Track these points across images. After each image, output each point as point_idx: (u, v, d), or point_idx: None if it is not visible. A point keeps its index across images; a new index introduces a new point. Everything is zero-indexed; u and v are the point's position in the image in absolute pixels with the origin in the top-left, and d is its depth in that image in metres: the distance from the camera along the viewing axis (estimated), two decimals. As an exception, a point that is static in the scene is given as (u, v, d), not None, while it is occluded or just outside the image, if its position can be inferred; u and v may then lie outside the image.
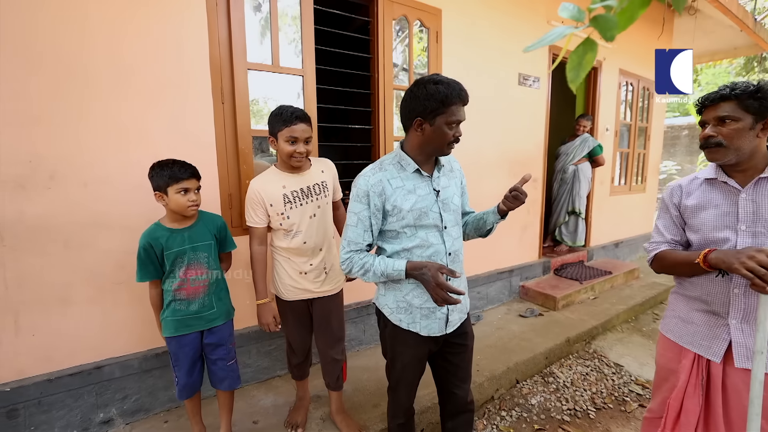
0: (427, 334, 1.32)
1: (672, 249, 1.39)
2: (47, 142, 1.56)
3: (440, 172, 1.34)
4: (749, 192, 1.23)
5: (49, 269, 1.61)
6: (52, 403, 1.66)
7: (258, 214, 1.58)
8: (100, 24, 1.62)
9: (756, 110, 1.17)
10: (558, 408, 2.25)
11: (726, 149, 1.20)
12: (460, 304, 1.37)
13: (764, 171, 1.21)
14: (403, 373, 1.39)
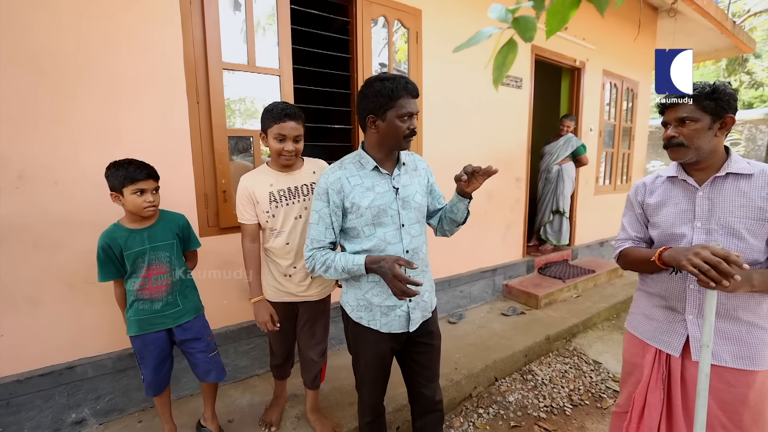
0: (388, 331, 1.34)
1: (635, 246, 1.41)
2: (15, 142, 1.55)
3: (401, 170, 1.36)
4: (706, 190, 1.25)
5: (18, 269, 1.60)
6: (22, 403, 1.65)
7: (247, 211, 1.57)
8: (72, 23, 1.61)
9: (713, 110, 1.20)
10: (535, 405, 2.27)
11: (687, 149, 1.23)
12: (423, 303, 1.39)
13: (720, 170, 1.24)
14: (367, 370, 1.41)
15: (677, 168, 1.34)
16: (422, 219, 1.40)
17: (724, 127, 1.23)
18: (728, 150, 1.29)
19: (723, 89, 1.21)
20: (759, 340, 1.21)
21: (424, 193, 1.42)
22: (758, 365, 1.20)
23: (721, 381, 1.23)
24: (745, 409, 1.21)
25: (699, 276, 1.05)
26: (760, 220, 1.17)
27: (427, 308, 1.42)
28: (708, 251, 1.04)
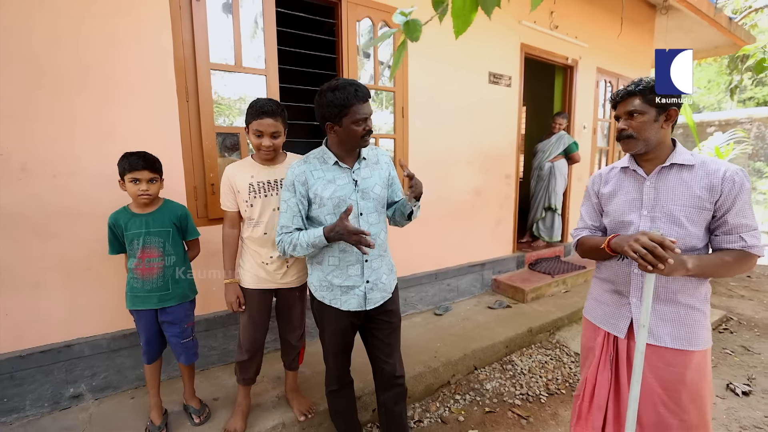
0: (347, 309, 1.46)
1: (591, 235, 1.49)
2: (17, 137, 1.70)
3: (361, 164, 1.47)
4: (652, 180, 1.32)
5: (20, 255, 1.75)
6: (24, 377, 1.80)
7: (228, 198, 1.67)
8: (70, 25, 1.75)
9: (657, 104, 1.27)
10: (511, 393, 2.35)
11: (636, 140, 1.30)
12: (382, 284, 1.50)
13: (666, 161, 1.31)
14: (330, 344, 1.52)
15: (629, 159, 1.41)
16: (381, 209, 1.51)
17: (669, 119, 1.30)
18: (675, 142, 1.35)
19: None
20: (696, 322, 1.27)
21: (384, 185, 1.52)
22: (695, 345, 1.27)
23: (661, 360, 1.30)
24: (683, 387, 1.28)
25: (638, 260, 1.13)
26: (698, 208, 1.24)
27: (386, 289, 1.52)
28: (646, 237, 1.12)
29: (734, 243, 1.20)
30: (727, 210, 1.21)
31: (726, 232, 1.22)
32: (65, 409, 1.89)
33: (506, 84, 3.47)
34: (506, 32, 3.41)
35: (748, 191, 1.23)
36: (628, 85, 1.34)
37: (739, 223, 1.20)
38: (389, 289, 1.55)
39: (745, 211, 1.21)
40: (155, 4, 1.92)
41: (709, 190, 1.23)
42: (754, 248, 1.19)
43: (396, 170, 1.66)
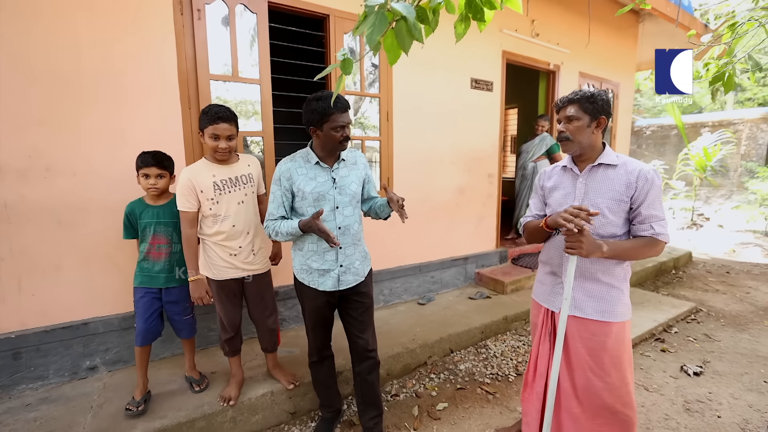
0: (323, 289, 1.70)
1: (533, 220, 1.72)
2: (44, 140, 1.97)
3: (340, 165, 1.71)
4: (584, 176, 1.56)
5: (45, 242, 2.02)
6: (48, 350, 2.07)
7: (189, 200, 1.77)
8: (88, 45, 2.01)
9: (591, 111, 1.50)
10: (482, 373, 2.58)
11: (572, 143, 1.53)
12: (354, 269, 1.74)
13: (595, 161, 1.54)
14: (309, 319, 1.78)
15: (569, 159, 1.64)
16: (356, 203, 1.75)
17: (599, 126, 1.53)
18: (605, 145, 1.58)
19: (599, 95, 1.51)
20: (615, 298, 1.50)
21: (359, 183, 1.77)
22: (614, 318, 1.50)
23: (587, 331, 1.53)
24: (605, 354, 1.51)
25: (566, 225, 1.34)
26: (618, 201, 1.47)
27: (358, 273, 1.76)
28: (572, 208, 1.35)
29: (646, 231, 1.43)
30: (641, 203, 1.44)
31: (640, 222, 1.45)
32: (82, 378, 2.16)
33: (488, 89, 3.70)
34: (488, 40, 3.64)
35: (658, 188, 1.46)
36: (569, 93, 1.56)
37: (650, 214, 1.43)
38: (362, 273, 1.78)
39: (655, 204, 1.44)
40: (161, 24, 2.17)
41: (627, 186, 1.46)
42: (660, 235, 1.42)
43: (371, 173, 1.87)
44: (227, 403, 1.92)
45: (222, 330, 1.98)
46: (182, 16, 2.21)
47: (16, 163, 1.92)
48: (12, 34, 1.87)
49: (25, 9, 1.88)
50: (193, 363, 2.09)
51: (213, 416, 1.87)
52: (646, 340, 3.02)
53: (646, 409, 2.20)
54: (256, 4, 2.41)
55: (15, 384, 2.01)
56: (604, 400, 1.53)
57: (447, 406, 2.25)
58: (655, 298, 3.77)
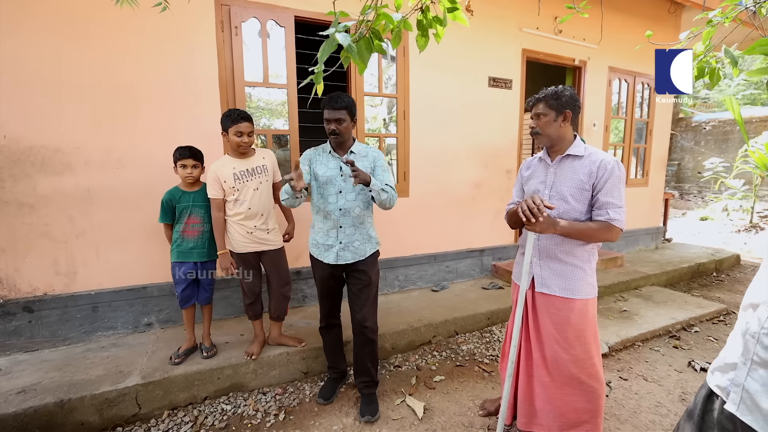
0: (327, 261, 2.00)
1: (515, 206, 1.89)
2: (117, 139, 2.47)
3: (350, 156, 1.98)
4: (554, 166, 1.72)
5: (116, 221, 2.53)
6: (117, 306, 2.58)
7: (215, 189, 2.16)
8: (148, 58, 2.50)
9: (556, 107, 1.66)
10: (482, 353, 2.75)
11: (542, 136, 1.70)
12: (353, 248, 1.99)
13: (565, 152, 1.69)
14: (318, 288, 2.11)
15: (543, 151, 1.80)
16: (359, 190, 1.96)
17: (565, 119, 1.68)
18: (575, 137, 1.73)
19: (562, 92, 1.66)
20: (578, 277, 1.65)
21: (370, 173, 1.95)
22: (576, 295, 1.64)
23: (553, 307, 1.69)
24: (569, 328, 1.66)
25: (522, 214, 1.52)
26: (581, 189, 1.62)
27: (357, 252, 2.00)
28: (530, 199, 1.51)
29: (601, 216, 1.57)
30: (599, 190, 1.58)
31: (598, 207, 1.59)
32: (141, 332, 2.66)
33: (506, 86, 3.81)
34: (506, 40, 3.75)
35: (617, 177, 1.58)
36: (539, 92, 1.72)
37: (607, 201, 1.56)
38: (361, 253, 2.01)
39: (613, 192, 1.57)
40: (205, 40, 2.61)
41: (589, 175, 1.60)
42: (615, 221, 1.55)
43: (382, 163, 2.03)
44: (250, 357, 2.29)
45: (244, 296, 2.36)
46: (223, 33, 2.63)
47: (96, 157, 2.44)
48: (89, 55, 2.38)
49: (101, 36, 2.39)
50: (208, 331, 2.36)
51: (238, 366, 2.26)
52: (659, 337, 2.99)
53: (639, 396, 2.25)
54: (284, 18, 2.78)
55: (94, 331, 2.55)
56: (570, 370, 1.68)
57: (443, 378, 2.46)
58: (682, 298, 3.65)
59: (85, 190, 2.45)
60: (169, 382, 2.10)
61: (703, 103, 13.26)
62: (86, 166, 2.43)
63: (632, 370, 2.53)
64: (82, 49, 2.35)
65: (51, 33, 2.29)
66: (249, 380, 2.29)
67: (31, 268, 2.40)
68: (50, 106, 2.33)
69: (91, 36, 2.37)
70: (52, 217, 2.40)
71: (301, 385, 2.38)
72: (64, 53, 2.32)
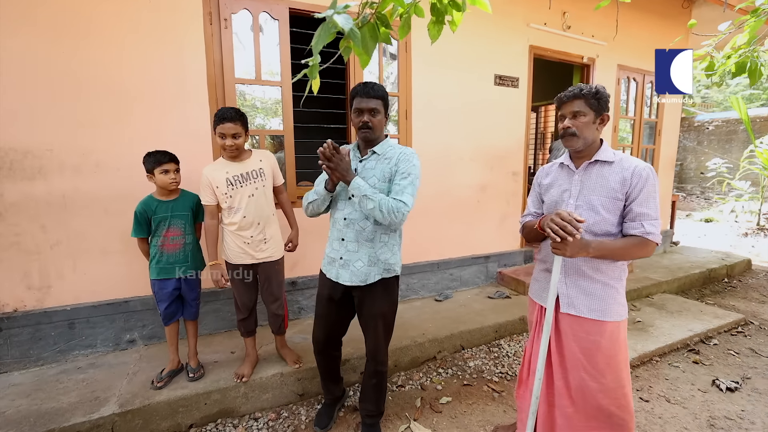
0: (329, 276, 1.76)
1: (533, 219, 1.70)
2: (94, 140, 2.26)
3: (371, 157, 1.70)
4: (580, 173, 1.53)
5: (95, 228, 2.32)
6: (96, 322, 2.38)
7: (207, 195, 1.99)
8: (130, 56, 2.29)
9: (595, 108, 1.47)
10: (491, 371, 2.56)
11: (578, 138, 1.49)
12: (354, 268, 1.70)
13: (593, 157, 1.51)
14: (317, 306, 1.86)
15: (566, 156, 1.62)
16: None
17: (602, 122, 1.49)
18: (602, 141, 1.54)
19: (603, 92, 1.48)
20: (610, 296, 1.46)
21: (382, 179, 1.66)
22: (608, 317, 1.46)
23: (581, 330, 1.50)
24: (599, 354, 1.47)
25: (549, 234, 1.34)
26: (612, 198, 1.43)
27: (357, 275, 1.69)
28: (558, 216, 1.33)
29: (636, 229, 1.38)
30: (633, 200, 1.39)
31: (631, 219, 1.40)
32: (123, 349, 2.45)
33: (513, 85, 3.62)
34: (513, 35, 3.56)
35: (652, 186, 1.40)
36: (573, 88, 1.52)
37: (642, 212, 1.38)
38: (363, 277, 1.69)
39: (648, 203, 1.38)
40: (192, 34, 2.40)
41: (622, 183, 1.42)
42: (650, 235, 1.36)
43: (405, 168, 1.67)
44: (240, 380, 2.09)
45: (236, 310, 2.17)
46: (211, 26, 2.43)
47: (72, 160, 2.23)
48: (64, 50, 2.17)
49: (74, 28, 2.18)
50: (195, 351, 2.16)
51: (227, 390, 2.06)
52: (677, 350, 2.81)
53: (663, 421, 2.08)
54: (278, 11, 2.58)
55: (70, 349, 2.34)
56: (599, 401, 1.49)
57: (450, 400, 2.27)
58: (696, 307, 3.48)
59: (59, 196, 2.23)
60: (150, 410, 1.89)
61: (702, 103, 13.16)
62: (60, 169, 2.22)
63: (652, 390, 2.36)
64: (55, 43, 2.14)
65: (20, 25, 2.07)
66: (239, 405, 2.09)
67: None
68: (18, 105, 2.11)
69: (67, 29, 2.15)
70: (23, 226, 2.19)
71: (296, 408, 2.19)
72: (35, 47, 2.11)
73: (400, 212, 1.58)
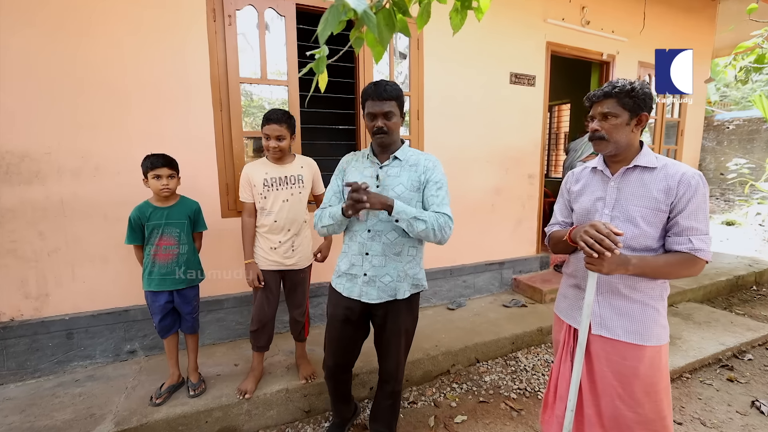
0: (348, 295, 1.58)
1: (561, 229, 1.55)
2: (93, 143, 2.17)
3: (393, 163, 1.55)
4: (617, 180, 1.37)
5: (94, 234, 2.23)
6: (95, 332, 2.28)
7: (246, 192, 2.00)
8: (131, 56, 2.19)
9: (631, 107, 1.30)
10: (509, 387, 2.41)
11: (607, 142, 1.34)
12: (381, 284, 1.54)
13: (631, 162, 1.35)
14: (328, 329, 1.69)
15: (599, 160, 1.46)
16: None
17: (639, 123, 1.34)
18: (642, 144, 1.38)
19: (641, 89, 1.30)
20: (650, 318, 1.31)
21: (411, 188, 1.51)
22: (647, 341, 1.30)
23: (616, 354, 1.34)
24: (637, 381, 1.32)
25: (584, 249, 1.19)
26: (654, 209, 1.27)
27: (387, 291, 1.55)
28: (593, 228, 1.18)
29: (682, 245, 1.22)
30: (680, 212, 1.23)
31: (676, 233, 1.24)
32: (123, 360, 2.36)
33: (529, 83, 3.46)
34: (530, 31, 3.40)
35: (703, 196, 1.24)
36: (605, 86, 1.37)
37: (690, 225, 1.22)
38: (390, 293, 1.55)
39: (697, 215, 1.23)
40: (195, 32, 2.30)
41: (666, 192, 1.26)
42: (700, 252, 1.20)
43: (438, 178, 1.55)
44: (243, 396, 1.97)
45: (251, 321, 2.08)
46: (215, 23, 2.32)
47: (70, 164, 2.14)
48: (63, 49, 2.08)
49: (73, 26, 2.08)
50: (195, 365, 2.06)
51: (229, 408, 1.94)
52: (708, 366, 2.63)
53: (700, 447, 1.91)
54: (284, 7, 2.46)
55: (68, 360, 2.25)
56: (636, 434, 1.34)
57: (466, 419, 2.13)
58: (726, 317, 3.28)
59: (57, 201, 2.15)
60: (147, 429, 1.79)
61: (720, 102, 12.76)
62: (59, 174, 2.13)
63: (685, 411, 2.18)
64: (53, 42, 2.05)
65: (18, 24, 1.99)
66: (242, 422, 1.97)
67: (-5, 290, 2.10)
68: (16, 106, 2.03)
69: (65, 27, 2.06)
70: (20, 232, 2.10)
71: (302, 426, 2.07)
72: (33, 45, 2.02)
73: (449, 227, 1.51)
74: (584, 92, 4.78)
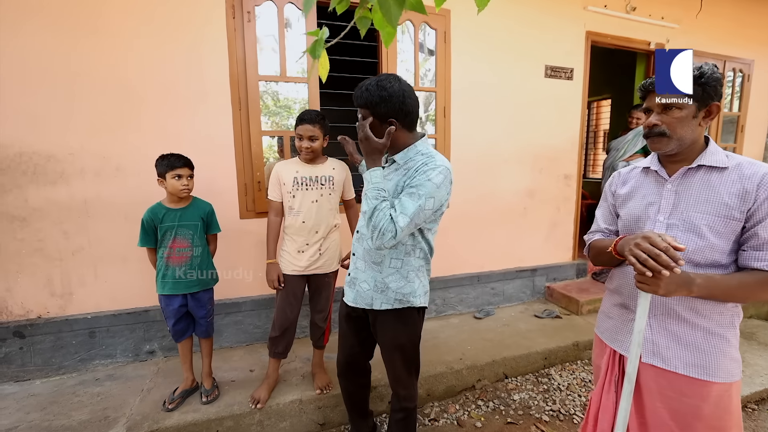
0: (345, 300, 1.54)
1: (603, 237, 1.35)
2: (115, 144, 2.17)
3: (391, 167, 1.42)
4: (675, 182, 1.16)
5: (115, 235, 2.23)
6: (116, 331, 2.30)
7: (275, 190, 1.96)
8: (149, 55, 2.18)
9: (699, 97, 1.09)
10: (540, 407, 2.20)
11: (669, 139, 1.12)
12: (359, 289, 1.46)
13: (694, 161, 1.14)
14: (338, 324, 1.65)
15: (652, 158, 1.26)
16: None
17: (708, 116, 1.12)
18: (708, 140, 1.17)
19: (711, 73, 1.08)
20: (717, 349, 1.09)
21: (394, 193, 1.37)
22: (714, 376, 1.09)
23: (672, 389, 1.14)
24: (699, 423, 1.11)
25: (635, 265, 0.99)
26: (725, 217, 1.06)
27: (362, 297, 1.45)
28: (647, 241, 0.96)
29: (762, 261, 1.00)
30: (759, 221, 1.01)
31: (754, 248, 1.02)
32: (143, 360, 2.36)
33: (567, 77, 3.20)
34: (567, 21, 3.14)
35: None
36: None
37: (773, 238, 1.00)
38: (366, 301, 1.45)
39: None
40: (214, 29, 2.26)
41: (741, 196, 1.04)
42: None
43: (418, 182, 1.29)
44: (255, 405, 1.90)
45: (271, 326, 2.03)
46: (234, 20, 2.27)
47: (92, 165, 2.16)
48: (81, 50, 2.09)
49: (90, 25, 2.09)
50: (209, 370, 2.01)
51: (241, 417, 1.87)
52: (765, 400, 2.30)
53: (771, 495, 1.63)
54: (304, 1, 2.38)
55: (91, 359, 2.28)
56: (696, 484, 1.12)
57: (492, 442, 1.95)
58: (797, 338, 2.88)
59: (80, 201, 2.17)
60: (158, 435, 1.75)
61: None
62: (81, 174, 2.15)
63: (751, 448, 1.90)
64: (76, 43, 2.07)
65: (40, 25, 2.02)
66: (254, 433, 1.90)
67: (23, 288, 2.15)
68: (41, 108, 2.06)
69: (86, 28, 2.08)
70: (46, 231, 2.14)
71: (316, 439, 1.97)
72: (56, 48, 2.05)
73: (385, 235, 1.23)
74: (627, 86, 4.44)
